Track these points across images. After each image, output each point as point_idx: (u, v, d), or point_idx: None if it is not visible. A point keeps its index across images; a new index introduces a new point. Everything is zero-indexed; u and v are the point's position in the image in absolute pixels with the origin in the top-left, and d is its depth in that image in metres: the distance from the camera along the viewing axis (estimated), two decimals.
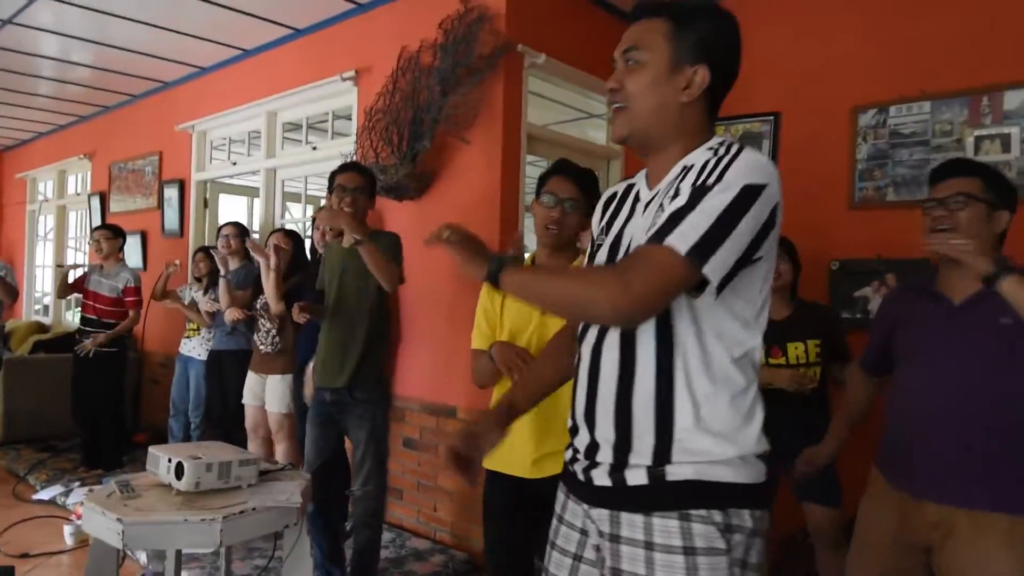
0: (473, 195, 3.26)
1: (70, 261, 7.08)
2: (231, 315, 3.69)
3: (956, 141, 2.82)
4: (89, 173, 6.56)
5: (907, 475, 1.71)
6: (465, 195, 3.30)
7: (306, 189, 4.72)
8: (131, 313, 4.48)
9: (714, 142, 1.13)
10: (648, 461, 1.10)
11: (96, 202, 6.24)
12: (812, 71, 3.20)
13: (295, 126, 4.57)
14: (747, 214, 1.02)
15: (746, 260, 1.04)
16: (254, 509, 2.00)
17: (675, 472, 1.09)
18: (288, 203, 4.84)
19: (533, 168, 3.48)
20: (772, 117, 3.31)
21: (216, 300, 3.96)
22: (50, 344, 5.67)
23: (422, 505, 3.40)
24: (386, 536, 3.29)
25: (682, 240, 1.00)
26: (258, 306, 3.60)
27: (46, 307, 7.58)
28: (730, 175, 1.03)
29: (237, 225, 4.06)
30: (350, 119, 4.00)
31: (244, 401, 3.61)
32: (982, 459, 1.58)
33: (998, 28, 2.73)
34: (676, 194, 1.08)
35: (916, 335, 1.72)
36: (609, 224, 1.27)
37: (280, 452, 3.49)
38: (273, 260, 3.09)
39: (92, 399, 4.46)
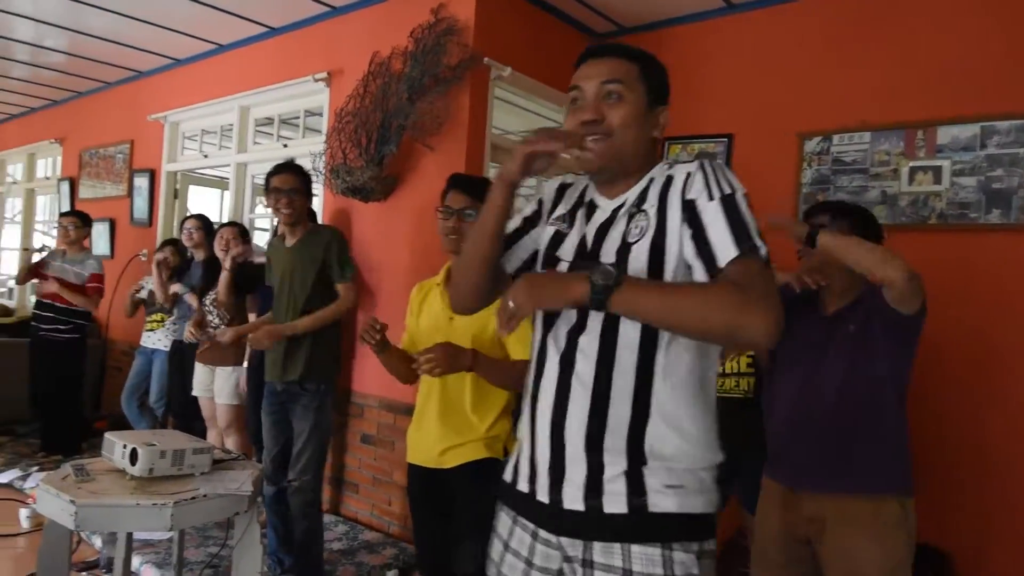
0: (436, 200, 3.33)
1: (36, 244, 7.02)
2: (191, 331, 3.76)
3: (893, 171, 3.00)
4: (59, 158, 6.52)
5: (785, 471, 1.92)
6: (428, 199, 3.39)
7: None
8: (93, 297, 4.49)
9: (665, 162, 1.26)
10: (625, 486, 1.11)
11: (66, 187, 6.22)
12: (763, 97, 3.36)
13: (268, 120, 4.63)
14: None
15: None
16: (205, 496, 2.09)
17: (658, 503, 1.11)
18: (258, 196, 4.90)
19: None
20: (726, 138, 3.46)
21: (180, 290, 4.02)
22: (13, 328, 5.64)
23: (376, 499, 3.50)
24: (339, 529, 3.38)
25: (760, 246, 1.10)
26: (208, 301, 3.66)
27: (10, 291, 7.50)
28: (734, 180, 1.15)
29: (200, 218, 4.10)
30: (322, 116, 4.07)
31: (195, 392, 3.68)
32: (842, 450, 1.80)
33: (934, 67, 2.91)
34: (666, 204, 1.16)
35: (793, 346, 1.89)
36: (571, 216, 1.29)
37: (231, 443, 3.55)
38: (229, 261, 3.21)
39: (50, 384, 4.47)
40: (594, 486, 1.13)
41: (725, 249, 1.09)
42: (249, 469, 2.35)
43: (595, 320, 1.15)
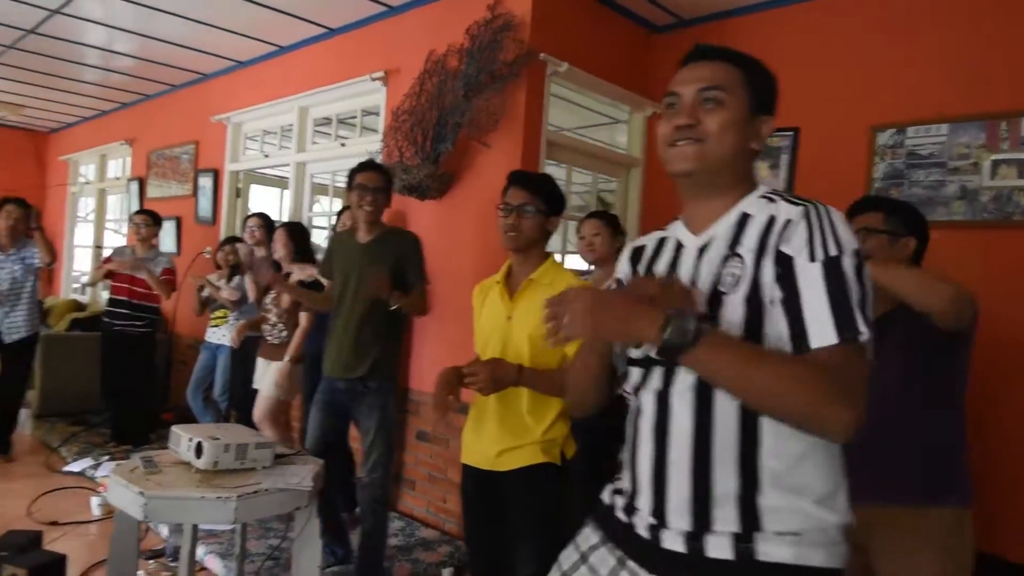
0: (492, 197, 3.32)
1: (108, 243, 7.33)
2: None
3: (973, 164, 2.83)
4: (129, 159, 6.78)
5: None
6: (484, 197, 3.39)
7: (334, 182, 4.85)
8: (166, 287, 4.59)
9: (763, 190, 1.15)
10: (734, 527, 1.03)
11: (135, 187, 6.46)
12: (832, 88, 3.23)
13: (326, 120, 4.71)
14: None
15: None
16: (267, 490, 2.12)
17: (768, 552, 1.01)
18: (316, 195, 4.98)
19: (553, 173, 3.55)
20: (792, 132, 3.34)
21: (237, 289, 4.14)
22: (86, 322, 5.89)
23: (432, 496, 3.51)
24: (396, 524, 3.41)
25: (863, 332, 0.98)
26: (268, 299, 3.73)
27: (83, 286, 7.85)
28: (844, 236, 1.03)
29: (262, 216, 4.21)
30: (378, 115, 4.12)
31: (256, 386, 3.75)
32: (890, 459, 1.73)
33: (1020, 53, 2.74)
34: (764, 252, 1.05)
35: None
36: (648, 271, 1.23)
37: (267, 436, 3.59)
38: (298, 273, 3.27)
39: (121, 377, 4.65)
40: (698, 532, 1.06)
41: (821, 332, 0.98)
42: (310, 464, 2.38)
43: (686, 372, 1.07)
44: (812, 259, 1.01)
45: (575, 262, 3.72)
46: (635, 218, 3.95)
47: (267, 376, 3.60)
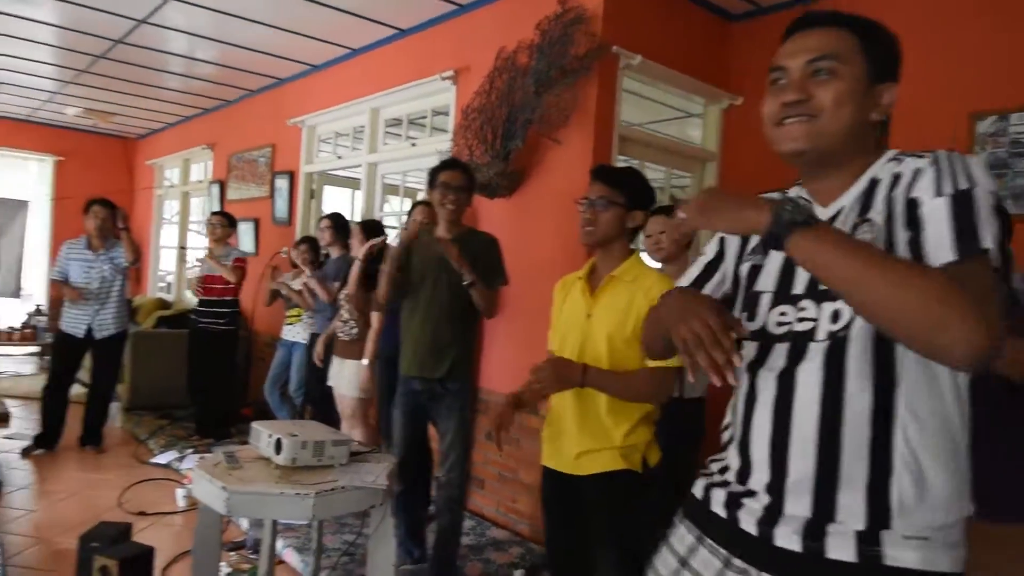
0: (563, 195, 3.30)
1: (190, 243, 7.66)
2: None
3: None
4: (210, 162, 7.05)
5: None
6: (555, 194, 3.34)
7: (404, 182, 4.90)
8: (236, 272, 4.71)
9: (891, 154, 1.06)
10: (859, 523, 0.96)
11: (216, 189, 6.71)
12: (928, 72, 3.02)
13: (396, 121, 4.76)
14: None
15: None
16: (343, 488, 2.14)
17: (896, 556, 0.95)
18: (387, 195, 5.04)
19: None
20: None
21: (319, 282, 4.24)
22: (171, 320, 6.16)
23: (502, 496, 3.50)
24: (467, 523, 3.40)
25: (989, 248, 0.90)
26: (341, 296, 3.79)
27: (168, 285, 8.22)
28: (979, 174, 0.94)
29: (333, 217, 4.30)
30: (448, 115, 4.13)
31: (329, 382, 3.82)
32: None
33: None
34: (893, 210, 0.99)
35: None
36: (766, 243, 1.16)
37: (356, 435, 3.65)
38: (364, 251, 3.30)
39: (205, 373, 4.84)
40: (817, 529, 0.99)
41: (939, 249, 0.91)
42: (384, 462, 2.39)
43: (815, 350, 1.02)
44: (939, 194, 0.94)
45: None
46: None
47: (344, 376, 3.66)
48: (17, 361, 7.41)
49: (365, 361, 3.58)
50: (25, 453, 4.30)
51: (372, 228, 3.71)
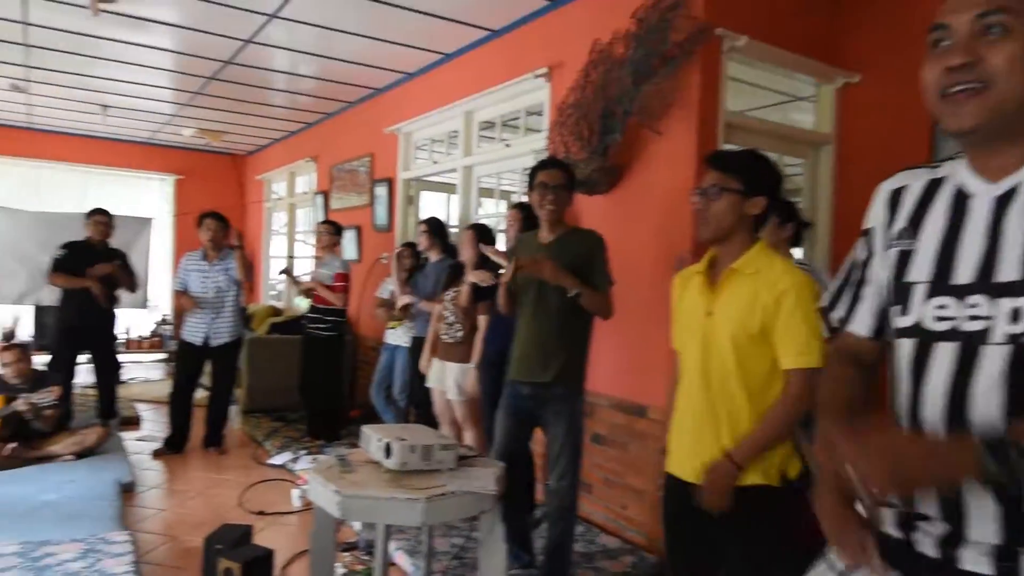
0: (665, 188, 3.17)
1: (298, 253, 7.99)
2: None
3: None
4: (314, 174, 7.33)
5: None
6: (657, 188, 3.22)
7: (499, 185, 4.89)
8: (340, 294, 4.89)
9: None
10: None
11: (320, 200, 6.96)
12: None
13: (489, 124, 4.75)
14: None
15: None
16: (453, 493, 2.12)
17: None
18: (482, 198, 5.05)
19: None
20: None
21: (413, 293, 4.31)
22: (282, 326, 6.44)
23: (610, 502, 3.40)
24: (576, 529, 3.32)
25: None
26: (447, 299, 3.80)
27: (279, 293, 8.62)
28: None
29: (429, 221, 4.36)
30: (541, 115, 4.08)
31: (428, 384, 3.85)
32: None
33: None
34: None
35: None
36: (915, 224, 1.01)
37: (468, 438, 3.66)
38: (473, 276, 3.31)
39: (315, 377, 5.01)
40: (1011, 550, 0.87)
41: None
42: (492, 468, 2.36)
43: (993, 356, 0.87)
44: None
45: None
46: (827, 202, 3.58)
47: (450, 379, 3.67)
48: (146, 367, 7.97)
49: (471, 364, 3.57)
50: (155, 455, 4.59)
51: (484, 232, 3.70)
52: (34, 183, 8.19)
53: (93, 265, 4.78)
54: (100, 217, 4.92)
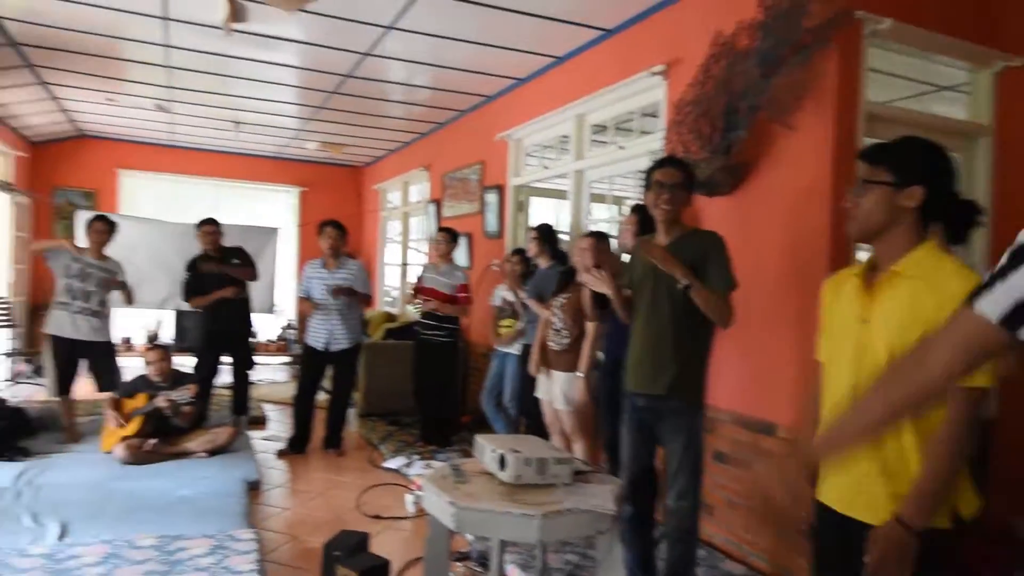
0: (797, 187, 2.93)
1: (411, 260, 8.18)
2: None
3: None
4: (427, 183, 7.48)
5: None
6: (787, 188, 2.98)
7: (611, 190, 4.76)
8: (463, 306, 4.98)
9: None
10: None
11: (432, 208, 7.09)
12: None
13: (600, 128, 4.63)
14: None
15: None
16: (570, 510, 2.02)
17: None
18: (593, 204, 4.93)
19: None
20: None
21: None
22: (397, 332, 6.58)
23: (733, 525, 3.18)
24: (698, 553, 3.13)
25: None
26: (556, 305, 3.71)
27: (393, 299, 8.87)
28: None
29: (539, 228, 4.30)
30: (655, 116, 3.92)
31: (536, 395, 3.76)
32: None
33: None
34: None
35: None
36: None
37: (577, 450, 3.54)
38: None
39: (428, 383, 5.07)
40: None
41: None
42: (609, 484, 2.24)
43: None
44: None
45: None
46: (985, 198, 3.19)
47: (557, 388, 3.59)
48: (273, 370, 8.41)
49: (580, 372, 3.47)
50: (280, 454, 4.78)
51: (603, 239, 3.60)
52: (174, 196, 8.90)
53: (216, 275, 5.02)
54: (208, 227, 5.14)
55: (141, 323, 8.32)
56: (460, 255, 6.23)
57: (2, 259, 7.47)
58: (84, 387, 4.86)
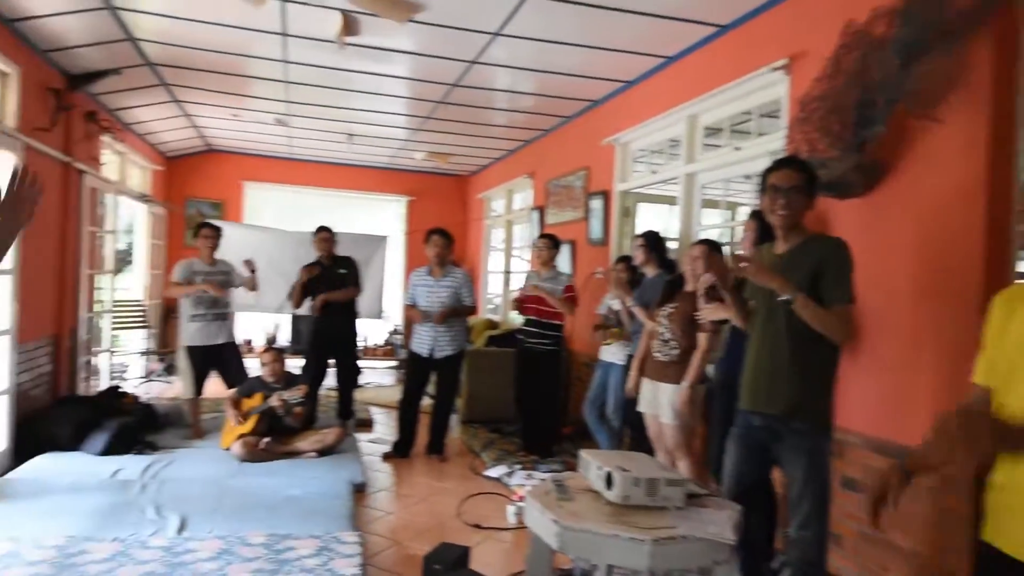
0: (944, 188, 2.63)
1: (515, 268, 8.17)
2: None
3: None
4: (530, 191, 7.45)
5: None
6: (931, 188, 2.69)
7: (726, 196, 4.52)
8: (569, 304, 4.87)
9: None
10: None
11: (535, 216, 7.04)
12: None
13: (714, 130, 4.42)
14: None
15: None
16: (684, 537, 1.87)
17: None
18: (705, 209, 4.71)
19: None
20: None
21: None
22: (499, 339, 6.57)
23: (865, 559, 2.88)
24: None
25: None
26: (662, 315, 3.53)
27: (496, 307, 8.89)
28: None
29: (646, 235, 4.17)
30: (774, 117, 3.68)
31: (639, 408, 3.60)
32: None
33: None
34: None
35: None
36: None
37: (681, 467, 3.36)
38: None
39: (531, 391, 5.00)
40: None
41: None
42: (727, 511, 2.07)
43: None
44: None
45: None
46: None
47: (663, 400, 3.42)
48: (380, 374, 8.63)
49: (685, 384, 3.30)
50: (385, 457, 4.85)
51: (715, 248, 3.42)
52: (293, 206, 9.37)
53: (328, 280, 5.30)
54: (323, 234, 5.47)
55: (261, 326, 8.76)
56: (563, 262, 6.14)
57: (140, 265, 8.09)
58: (214, 386, 5.14)
